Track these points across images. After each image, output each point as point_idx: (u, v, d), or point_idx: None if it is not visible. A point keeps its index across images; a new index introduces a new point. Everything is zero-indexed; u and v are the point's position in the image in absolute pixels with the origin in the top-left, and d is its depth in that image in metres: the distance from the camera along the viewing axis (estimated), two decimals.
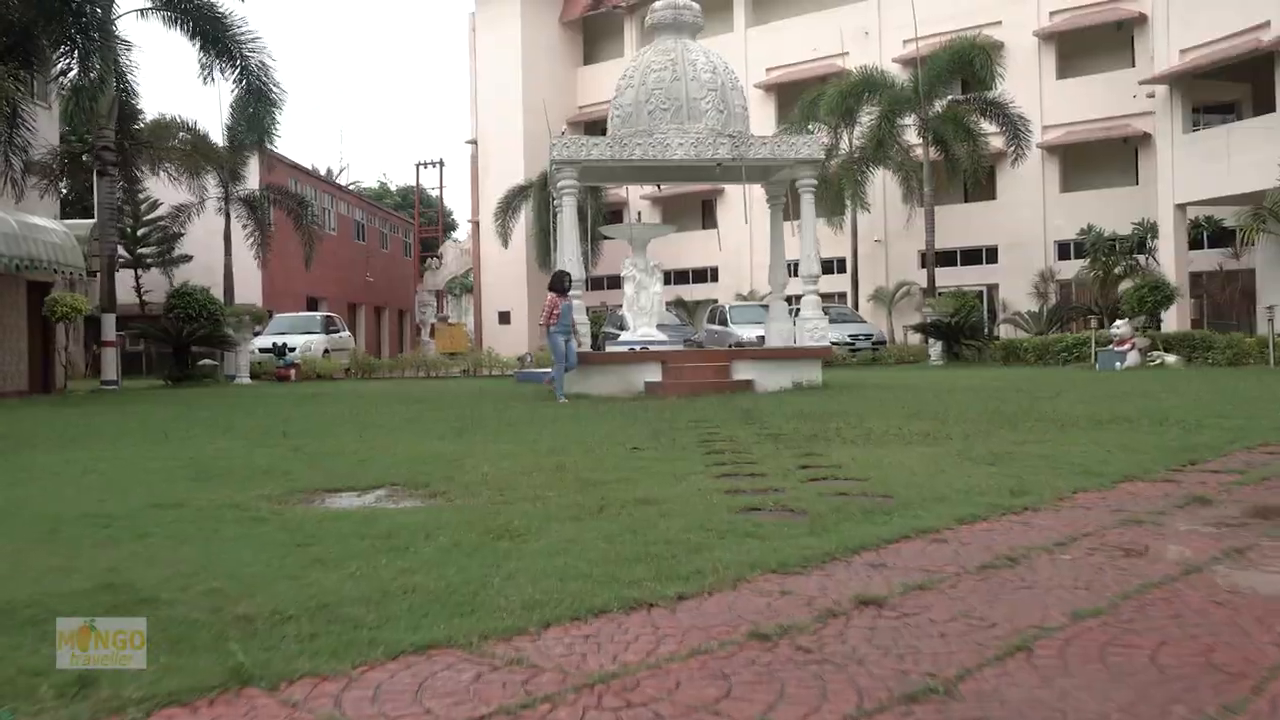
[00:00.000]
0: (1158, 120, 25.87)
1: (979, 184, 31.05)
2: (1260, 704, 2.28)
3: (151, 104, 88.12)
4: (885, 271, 34.20)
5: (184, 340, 21.09)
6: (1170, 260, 24.77)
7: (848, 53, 34.39)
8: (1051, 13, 32.05)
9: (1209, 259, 27.39)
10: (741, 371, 14.61)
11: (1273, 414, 9.06)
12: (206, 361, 23.28)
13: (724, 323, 26.43)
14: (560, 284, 13.64)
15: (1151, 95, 26.28)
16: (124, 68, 20.05)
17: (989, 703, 2.28)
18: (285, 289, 35.66)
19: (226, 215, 27.85)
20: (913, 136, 29.63)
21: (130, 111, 21.19)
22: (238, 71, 21.01)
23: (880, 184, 32.07)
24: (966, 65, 28.04)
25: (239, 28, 20.57)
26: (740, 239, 34.09)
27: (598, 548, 3.82)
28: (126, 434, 9.59)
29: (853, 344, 25.91)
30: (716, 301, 32.85)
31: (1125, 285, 26.19)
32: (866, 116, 29.48)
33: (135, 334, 24.06)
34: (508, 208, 35.35)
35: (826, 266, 16.97)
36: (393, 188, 63.43)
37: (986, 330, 26.57)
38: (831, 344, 16.52)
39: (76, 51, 16.16)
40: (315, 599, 3.09)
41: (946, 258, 32.03)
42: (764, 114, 34.42)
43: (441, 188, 55.55)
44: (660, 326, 17.46)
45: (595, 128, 34.34)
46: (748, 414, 10.06)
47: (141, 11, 19.78)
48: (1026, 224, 32.18)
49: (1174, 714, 2.22)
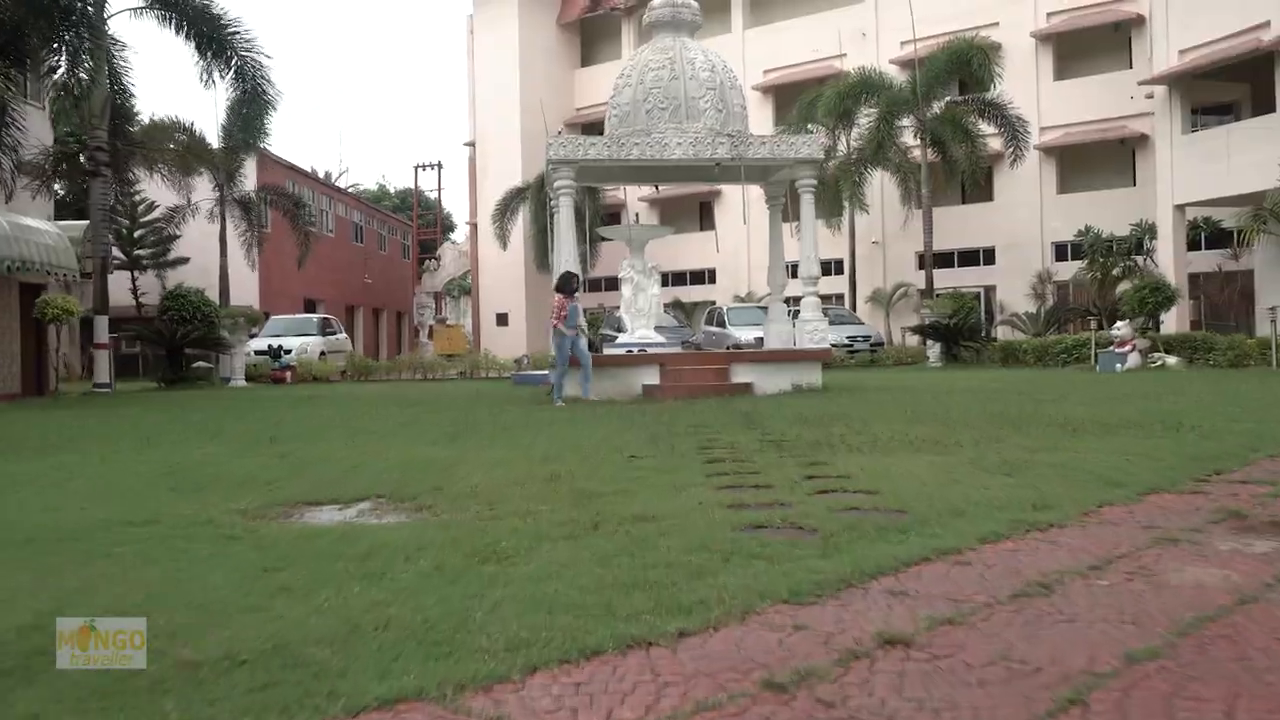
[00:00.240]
0: (1157, 121, 25.54)
1: (978, 185, 30.74)
2: None
3: (152, 105, 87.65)
4: (883, 273, 33.89)
5: (178, 342, 20.69)
6: (1169, 261, 24.44)
7: (845, 54, 34.07)
8: (1049, 14, 31.74)
9: (1207, 260, 27.07)
10: (741, 374, 14.27)
11: None
12: (201, 364, 22.89)
13: (722, 324, 26.11)
14: (568, 285, 13.25)
15: (1150, 96, 25.96)
16: (117, 67, 19.68)
17: None
18: (283, 291, 35.29)
19: (222, 217, 27.46)
20: (910, 138, 29.31)
21: (124, 112, 20.78)
22: (233, 72, 20.65)
23: (878, 185, 31.75)
24: (964, 66, 27.74)
25: (234, 27, 20.19)
26: (738, 240, 33.78)
27: (592, 573, 3.47)
28: (111, 439, 9.24)
29: (851, 345, 25.63)
30: (714, 303, 32.53)
31: (1123, 286, 25.89)
32: (864, 118, 29.18)
33: (129, 336, 23.62)
34: (506, 209, 35.01)
35: (824, 268, 16.62)
36: (391, 190, 63.06)
37: (984, 332, 26.24)
38: (830, 346, 16.18)
39: (65, 50, 15.75)
40: (275, 637, 2.74)
41: (944, 259, 31.73)
42: (762, 115, 34.08)
43: (440, 190, 55.25)
44: (658, 328, 17.17)
45: (593, 129, 33.94)
46: (748, 418, 9.72)
47: (135, 10, 19.39)
48: (1024, 225, 31.90)
49: None
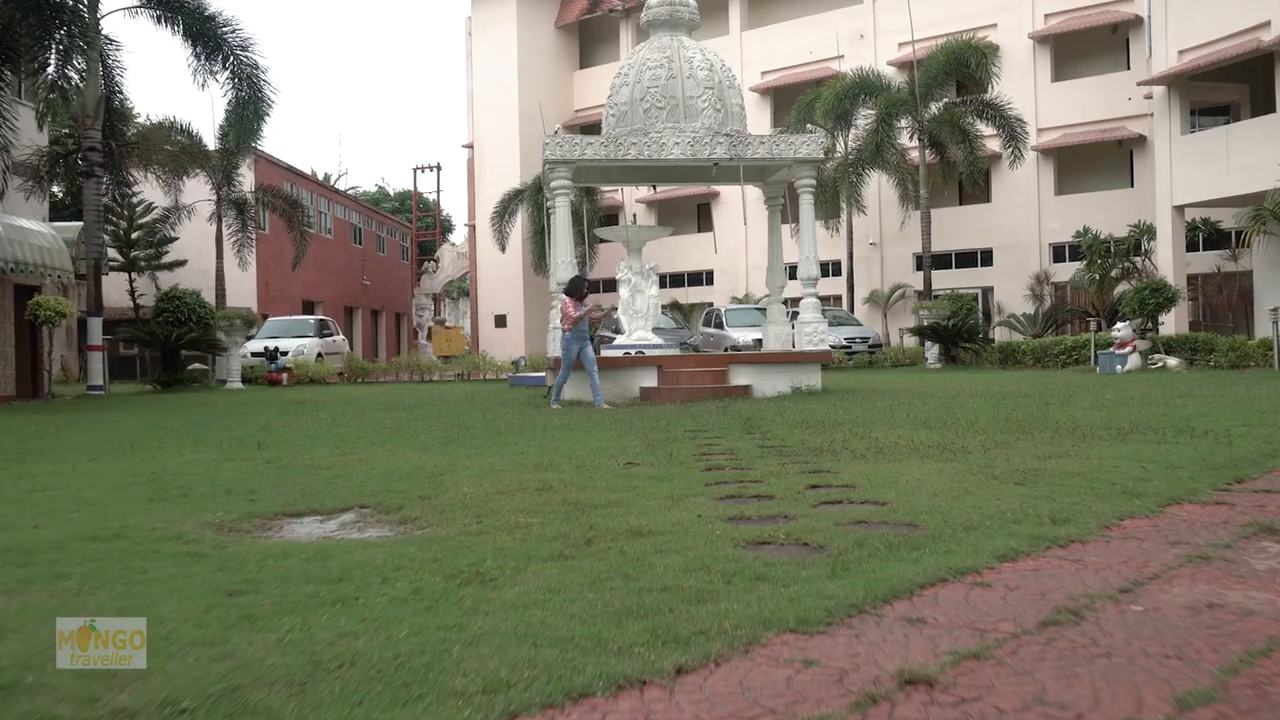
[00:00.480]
0: (1155, 121, 25.25)
1: (977, 185, 30.47)
2: None
3: (153, 105, 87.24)
4: (880, 274, 33.62)
5: (173, 344, 20.37)
6: (1168, 262, 24.15)
7: (843, 56, 33.82)
8: (1046, 15, 31.48)
9: (1206, 260, 26.79)
10: (739, 376, 13.99)
11: None
12: (197, 366, 22.58)
13: (720, 325, 25.84)
14: (578, 289, 12.93)
15: (1149, 97, 25.67)
16: (112, 66, 19.36)
17: None
18: (281, 292, 35.00)
19: (218, 218, 27.13)
20: (908, 139, 29.04)
21: (119, 111, 20.44)
22: (229, 72, 20.29)
23: (875, 187, 31.48)
24: (962, 67, 27.47)
25: (230, 27, 19.85)
26: (736, 242, 33.51)
27: (582, 598, 3.17)
28: (93, 445, 8.93)
29: (849, 347, 25.40)
30: (712, 304, 32.24)
31: (1122, 288, 25.61)
32: (863, 119, 28.90)
33: (123, 338, 23.27)
34: (504, 211, 34.72)
35: (822, 269, 16.29)
36: (391, 192, 62.75)
37: (982, 333, 25.97)
38: (829, 347, 15.89)
39: (55, 48, 15.40)
40: (227, 678, 2.44)
41: (941, 260, 31.46)
42: (760, 117, 33.81)
43: (439, 192, 54.95)
44: (656, 330, 16.90)
45: (592, 131, 33.52)
46: (748, 423, 9.43)
47: (130, 10, 19.06)
48: (1021, 226, 31.64)
49: None
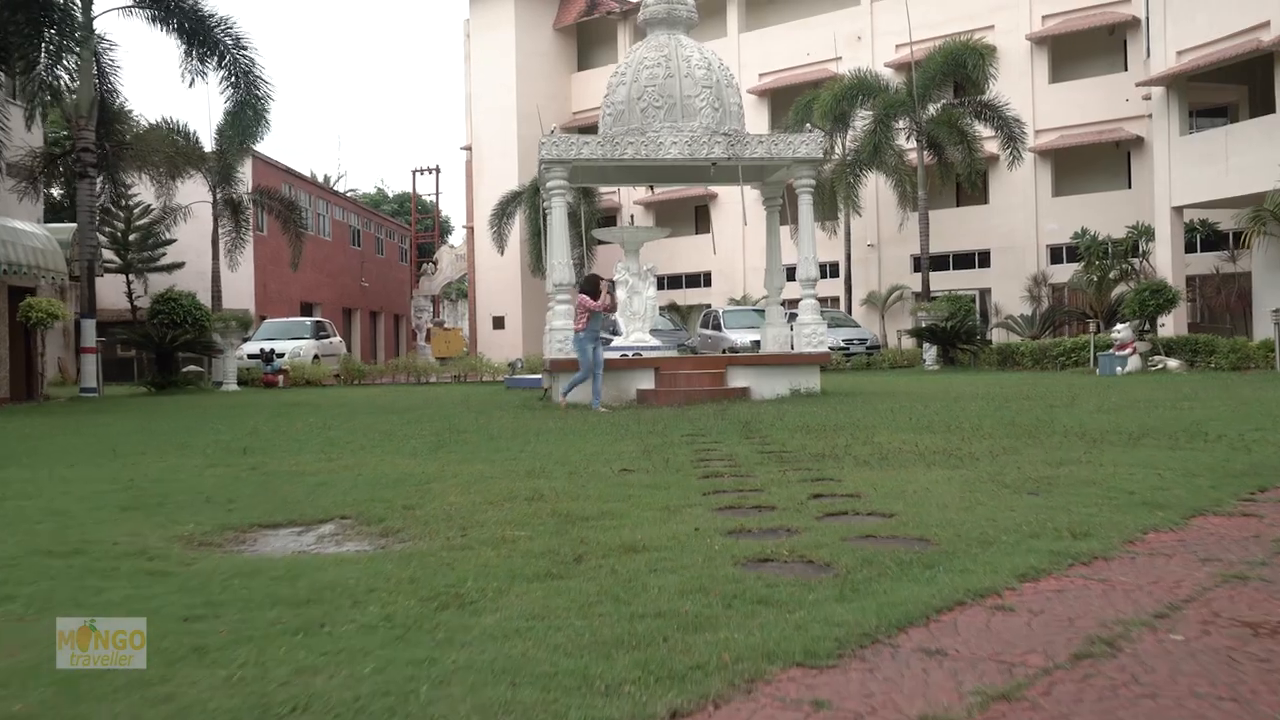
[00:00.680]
0: (1154, 122, 24.95)
1: (975, 186, 30.21)
2: None
3: (154, 107, 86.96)
4: (878, 275, 33.34)
5: (167, 346, 20.06)
6: (1167, 263, 23.87)
7: (840, 58, 33.53)
8: (1044, 17, 31.19)
9: (1204, 262, 26.51)
10: (738, 378, 13.69)
11: None
12: (193, 368, 22.26)
13: (718, 327, 25.55)
14: (594, 288, 12.64)
15: (1148, 97, 25.39)
16: (106, 66, 19.04)
17: None
18: (279, 294, 34.69)
19: (214, 220, 26.79)
20: (905, 140, 28.76)
21: (115, 112, 20.11)
22: (224, 71, 19.95)
23: (873, 188, 31.21)
24: (960, 68, 27.18)
25: (226, 26, 19.48)
26: (734, 243, 33.23)
27: (569, 625, 2.87)
28: (77, 449, 8.63)
29: (847, 348, 25.13)
30: (710, 306, 31.94)
31: (1120, 289, 25.34)
32: (860, 121, 28.62)
33: (119, 340, 22.94)
34: (502, 213, 34.43)
35: (820, 270, 15.97)
36: (390, 194, 62.43)
37: (980, 334, 25.68)
38: (828, 349, 15.59)
39: (45, 47, 15.06)
40: None
41: (939, 262, 31.16)
42: (757, 119, 33.52)
43: (438, 194, 54.68)
44: (654, 331, 16.63)
45: (590, 133, 33.40)
46: (747, 426, 9.13)
47: (124, 10, 18.74)
48: (1019, 228, 31.36)
49: None
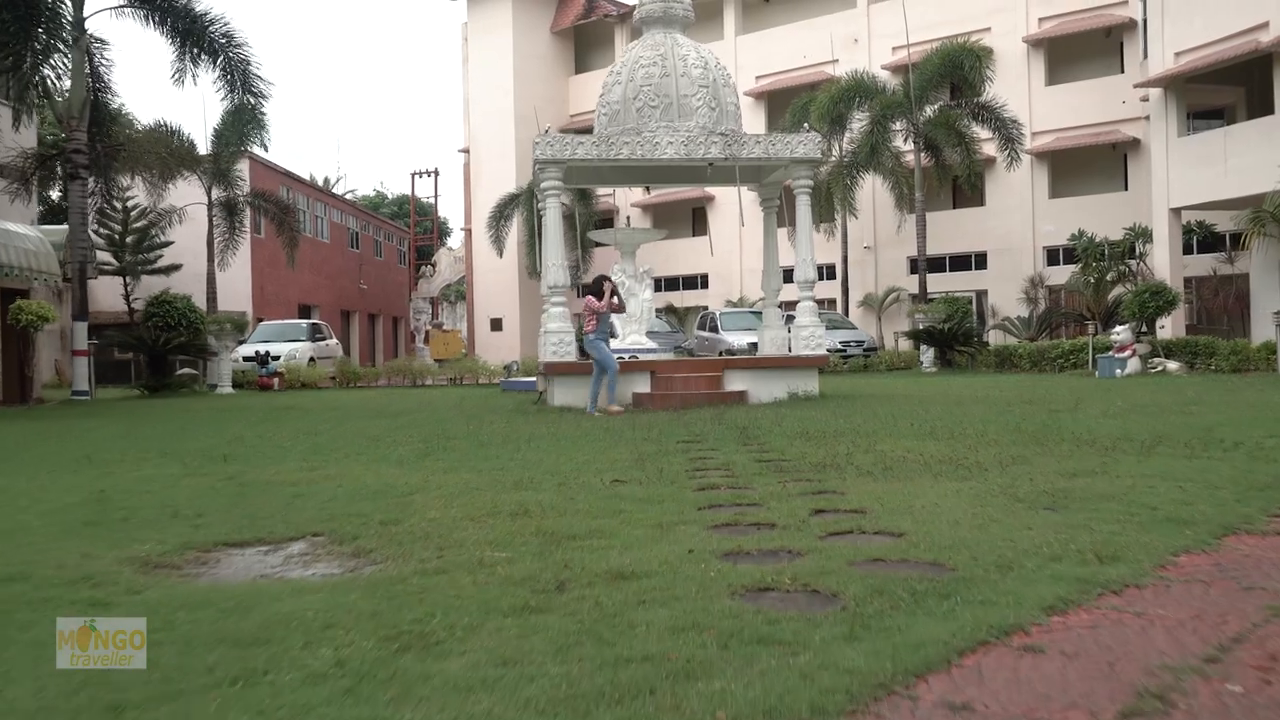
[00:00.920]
0: (1152, 124, 24.60)
1: (973, 188, 29.88)
2: None
3: (152, 110, 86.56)
4: (874, 277, 33.00)
5: (160, 349, 19.66)
6: (1165, 265, 23.53)
7: (837, 60, 33.21)
8: (1040, 19, 30.88)
9: (1201, 263, 26.18)
10: (735, 381, 13.31)
11: None
12: (187, 371, 21.85)
13: (714, 329, 25.20)
14: (599, 288, 12.24)
15: (1145, 99, 25.04)
16: (99, 66, 18.64)
17: None
18: (277, 296, 34.31)
19: (210, 222, 26.39)
20: (903, 142, 28.43)
21: (106, 112, 19.69)
22: (219, 71, 19.55)
23: (869, 190, 30.87)
24: (957, 70, 26.85)
25: (219, 25, 19.09)
26: (731, 245, 32.88)
27: (544, 674, 2.51)
28: (56, 456, 8.26)
29: (844, 351, 24.78)
30: (707, 308, 31.58)
31: (1117, 291, 24.99)
32: (857, 123, 28.29)
33: (114, 343, 22.52)
34: (500, 216, 34.11)
35: (817, 272, 15.55)
36: (389, 196, 62.05)
37: (977, 336, 25.32)
38: (826, 351, 15.22)
39: (32, 45, 14.66)
40: None
41: (935, 263, 30.81)
42: (754, 122, 33.17)
43: (436, 196, 54.32)
44: (650, 334, 16.28)
45: (586, 135, 33.10)
46: (744, 432, 8.76)
47: (115, 9, 18.35)
48: (1015, 230, 31.04)
49: None
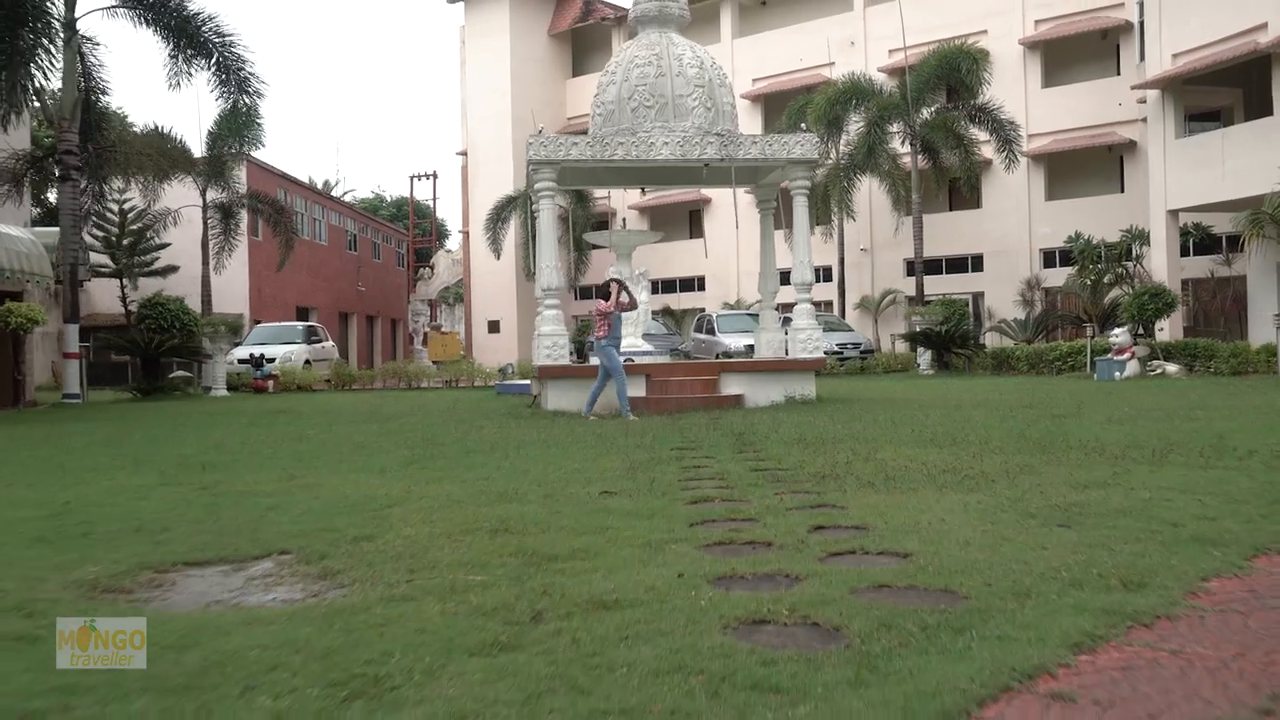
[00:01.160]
0: (1149, 126, 24.27)
1: (971, 190, 29.57)
2: None
3: (149, 113, 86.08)
4: (871, 280, 32.68)
5: (153, 351, 19.31)
6: (1163, 267, 23.21)
7: (833, 63, 32.89)
8: (1036, 21, 30.57)
9: (1198, 265, 25.87)
10: (731, 385, 12.98)
11: None
12: (181, 373, 21.50)
13: (711, 332, 24.88)
14: (606, 291, 11.88)
15: (1142, 101, 24.74)
16: (91, 67, 18.28)
17: None
18: (274, 299, 33.95)
19: (204, 224, 26.04)
20: (899, 144, 28.11)
21: (99, 114, 19.32)
22: (214, 71, 19.15)
23: (866, 192, 30.56)
24: (953, 72, 26.53)
25: (213, 24, 18.68)
26: (728, 247, 32.54)
27: None
28: (28, 464, 7.92)
29: (841, 353, 24.46)
30: (703, 310, 31.25)
31: (1114, 293, 24.68)
32: (854, 125, 27.98)
33: (105, 345, 22.16)
34: (497, 218, 33.79)
35: (814, 275, 15.15)
36: (388, 198, 61.71)
37: (974, 338, 25.00)
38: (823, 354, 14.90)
39: (17, 46, 14.30)
40: None
41: (932, 266, 30.48)
42: (751, 124, 32.85)
43: (435, 199, 53.96)
44: (646, 336, 16.01)
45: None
46: (740, 438, 8.43)
47: (108, 10, 17.98)
48: (1012, 232, 30.72)
49: None
